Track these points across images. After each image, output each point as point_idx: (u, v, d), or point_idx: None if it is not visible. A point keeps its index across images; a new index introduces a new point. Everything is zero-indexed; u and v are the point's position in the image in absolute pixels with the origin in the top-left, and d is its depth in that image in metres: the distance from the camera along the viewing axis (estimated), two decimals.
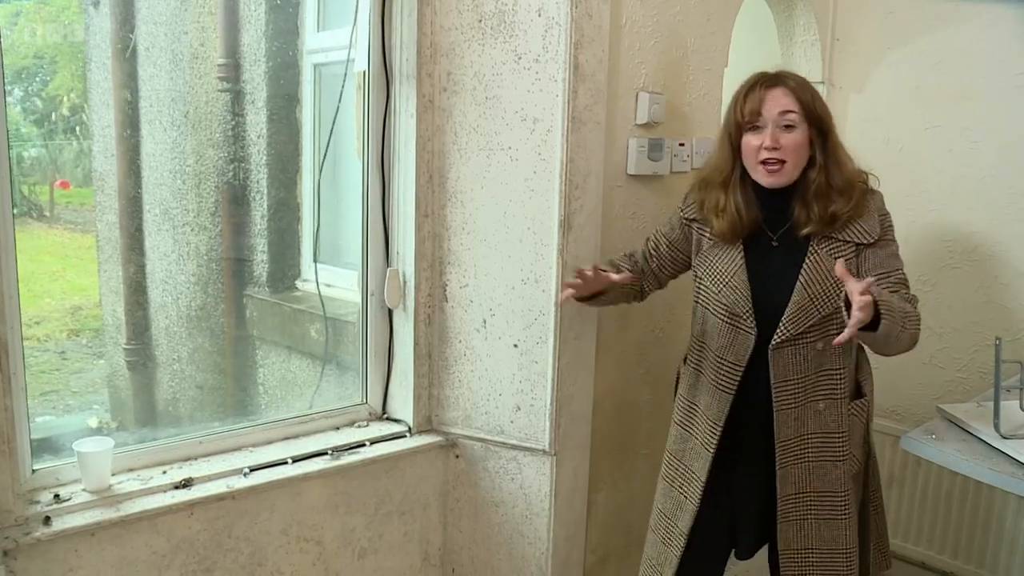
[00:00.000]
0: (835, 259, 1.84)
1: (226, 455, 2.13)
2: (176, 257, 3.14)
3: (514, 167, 2.25)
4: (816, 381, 1.91)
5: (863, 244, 1.89)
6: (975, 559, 2.76)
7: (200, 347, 3.20)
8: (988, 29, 2.65)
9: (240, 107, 3.04)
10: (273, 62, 3.02)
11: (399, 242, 2.39)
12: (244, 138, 3.04)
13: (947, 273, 2.77)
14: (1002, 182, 2.66)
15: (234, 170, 3.05)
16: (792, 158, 1.86)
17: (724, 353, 1.96)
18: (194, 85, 3.10)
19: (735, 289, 1.93)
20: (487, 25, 2.21)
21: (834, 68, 2.97)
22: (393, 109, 2.33)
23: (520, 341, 2.31)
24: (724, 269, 1.97)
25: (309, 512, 2.15)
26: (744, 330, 1.92)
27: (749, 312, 1.91)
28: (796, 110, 1.85)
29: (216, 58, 3.07)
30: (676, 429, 2.11)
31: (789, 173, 1.88)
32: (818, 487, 1.94)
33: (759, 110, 1.87)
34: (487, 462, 2.41)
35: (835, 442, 1.93)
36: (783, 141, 1.85)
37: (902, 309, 1.75)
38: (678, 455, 2.08)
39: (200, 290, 3.14)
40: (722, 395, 1.95)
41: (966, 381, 2.75)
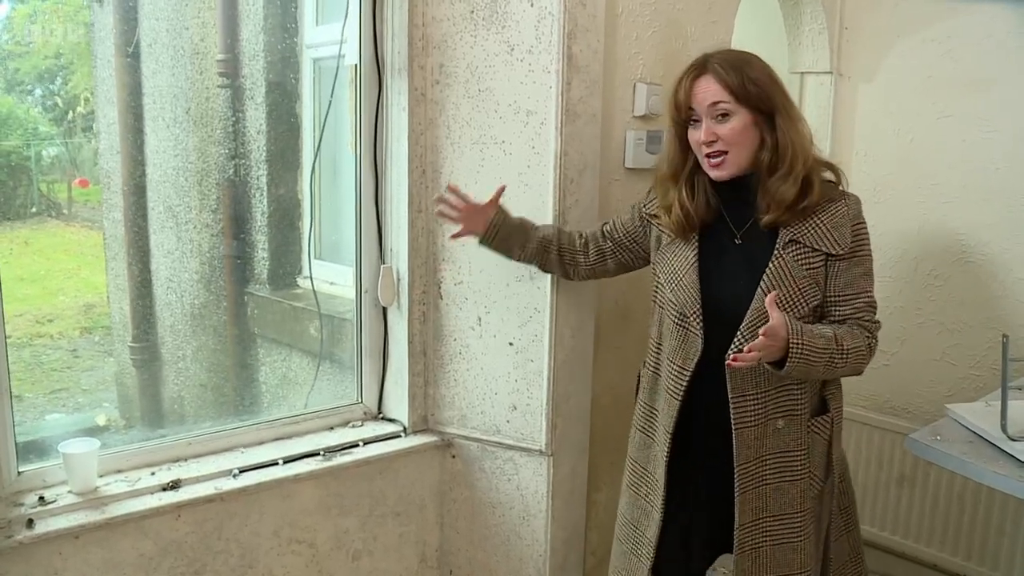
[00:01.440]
0: (801, 266, 1.74)
1: (216, 456, 2.10)
2: (180, 254, 3.12)
3: (508, 161, 2.20)
4: (776, 396, 1.78)
5: (832, 254, 1.75)
6: (989, 561, 2.68)
7: (204, 345, 3.19)
8: (1001, 15, 2.56)
9: (240, 103, 3.02)
10: (272, 57, 3.00)
11: (392, 238, 2.35)
12: (244, 134, 3.01)
13: (959, 267, 2.69)
14: (1017, 173, 2.58)
15: (235, 167, 3.03)
16: (733, 148, 1.74)
17: (674, 356, 1.86)
18: (195, 81, 3.08)
19: (684, 288, 1.82)
20: (479, 16, 2.17)
21: (843, 58, 2.89)
22: (385, 103, 2.29)
23: (515, 339, 2.27)
24: (677, 267, 1.86)
25: (301, 514, 2.12)
26: (692, 332, 1.81)
27: (697, 313, 1.80)
28: (725, 98, 1.72)
29: (216, 54, 3.05)
30: (638, 435, 2.01)
31: (734, 163, 1.75)
32: (774, 510, 1.82)
33: (690, 104, 1.76)
34: (483, 462, 2.37)
35: (794, 460, 1.81)
36: (720, 132, 1.73)
37: (838, 349, 1.68)
38: (641, 462, 1.99)
39: (203, 288, 3.12)
40: (672, 401, 1.85)
41: (979, 378, 2.67)
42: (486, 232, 2.06)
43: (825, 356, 1.66)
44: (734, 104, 1.72)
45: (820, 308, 1.78)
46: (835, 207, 1.76)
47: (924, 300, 2.75)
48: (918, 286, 2.76)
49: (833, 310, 1.78)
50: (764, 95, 1.73)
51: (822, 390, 1.88)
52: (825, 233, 1.75)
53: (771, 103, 1.73)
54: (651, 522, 1.93)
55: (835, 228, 1.75)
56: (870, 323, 1.79)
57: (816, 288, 1.75)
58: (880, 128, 2.83)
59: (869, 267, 1.81)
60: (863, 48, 2.86)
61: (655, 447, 1.94)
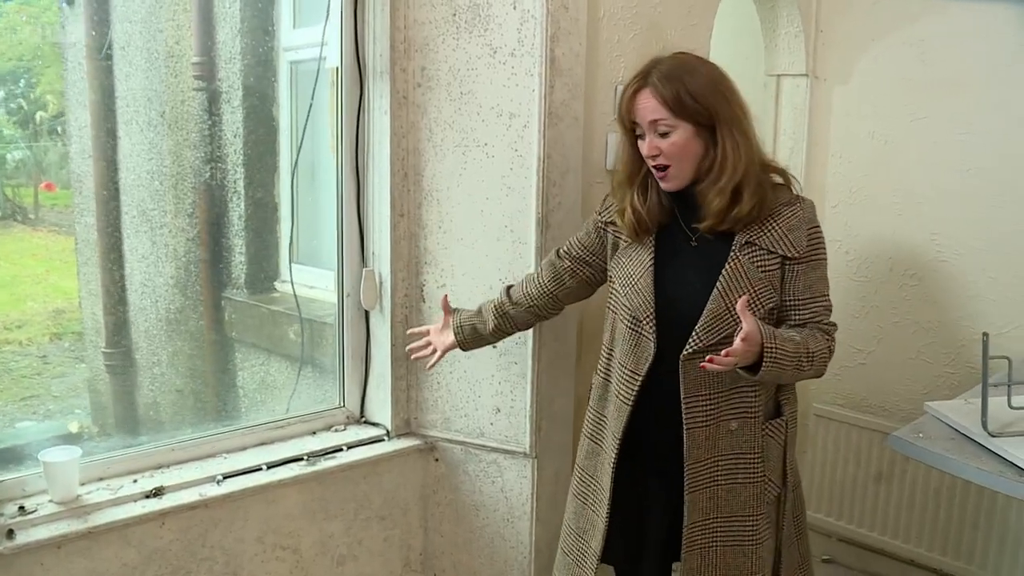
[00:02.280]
0: (758, 268, 1.75)
1: (199, 462, 2.09)
2: (154, 259, 3.09)
3: (490, 164, 2.21)
4: (729, 398, 1.78)
5: (789, 257, 1.75)
6: (964, 555, 2.73)
7: (179, 350, 3.15)
8: (975, 19, 2.61)
9: (216, 106, 2.99)
10: (249, 60, 2.97)
11: (375, 242, 2.35)
12: (221, 138, 2.99)
13: (934, 267, 2.73)
14: (989, 174, 2.62)
15: (211, 170, 3.00)
16: (675, 161, 1.74)
17: (626, 361, 1.84)
18: (170, 84, 3.05)
19: (639, 292, 1.81)
20: (461, 19, 2.17)
21: (818, 60, 2.93)
22: (367, 106, 2.29)
23: (499, 342, 2.27)
24: (632, 271, 1.84)
25: (285, 519, 2.10)
26: (645, 336, 1.80)
27: (650, 318, 1.79)
28: (663, 115, 1.71)
29: (191, 56, 3.02)
30: (586, 443, 1.99)
31: (679, 176, 1.76)
32: (726, 512, 1.82)
33: (633, 118, 1.77)
34: (467, 465, 2.37)
35: (748, 462, 1.82)
36: (661, 147, 1.73)
37: (804, 352, 1.70)
38: (589, 471, 1.97)
39: (179, 292, 3.09)
40: (622, 407, 1.84)
41: (953, 376, 2.71)
42: (456, 338, 2.10)
43: (795, 360, 1.67)
44: (673, 119, 1.71)
45: (776, 311, 1.79)
46: (790, 211, 1.77)
47: (899, 299, 2.79)
48: (893, 286, 2.80)
49: (792, 314, 1.79)
50: (702, 108, 1.71)
51: (777, 394, 1.88)
52: (781, 236, 1.75)
53: (711, 115, 1.72)
54: (596, 531, 1.92)
55: (791, 231, 1.75)
56: (828, 326, 1.81)
57: (772, 291, 1.76)
58: (855, 130, 2.86)
59: (824, 270, 1.83)
60: (838, 51, 2.89)
61: (603, 454, 1.93)
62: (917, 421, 1.91)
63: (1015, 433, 1.74)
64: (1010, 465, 1.66)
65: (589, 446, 1.98)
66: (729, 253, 1.76)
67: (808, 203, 1.81)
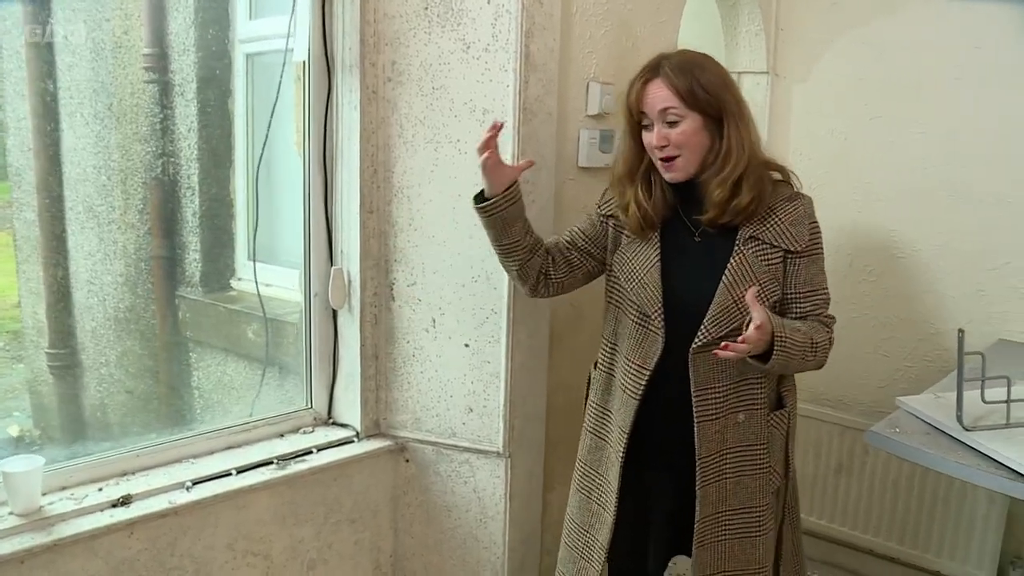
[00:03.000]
0: (762, 262, 1.78)
1: (166, 468, 2.01)
2: (102, 256, 2.98)
3: (463, 160, 2.17)
4: (737, 390, 1.81)
5: (791, 251, 1.79)
6: (921, 544, 2.79)
7: (129, 350, 3.05)
8: (930, 21, 2.67)
9: (168, 99, 2.90)
10: (203, 51, 2.89)
11: (343, 240, 2.30)
12: (173, 131, 2.90)
13: (892, 263, 2.78)
14: (945, 172, 2.68)
15: (163, 165, 2.91)
16: (684, 151, 1.76)
17: (632, 356, 1.85)
18: (118, 76, 2.94)
19: (646, 287, 1.82)
20: (433, 13, 2.13)
21: (778, 58, 2.96)
22: (335, 101, 2.23)
23: (471, 341, 2.24)
24: (638, 266, 1.85)
25: (256, 525, 2.05)
26: (653, 331, 1.81)
27: (659, 312, 1.80)
28: (674, 104, 1.74)
29: (141, 47, 2.92)
30: (589, 437, 1.99)
31: (685, 166, 1.78)
32: (734, 504, 1.84)
33: (641, 108, 1.78)
34: (439, 466, 2.34)
35: (755, 454, 1.85)
36: (670, 136, 1.75)
37: (810, 342, 1.73)
38: (593, 465, 1.98)
39: (128, 291, 2.99)
40: (629, 400, 1.85)
41: (911, 369, 2.78)
42: (506, 192, 1.86)
43: (802, 350, 1.70)
44: (683, 109, 1.74)
45: (778, 304, 1.81)
46: (792, 206, 1.81)
47: (859, 295, 2.84)
48: (853, 281, 2.85)
49: (794, 306, 1.82)
50: (713, 100, 1.75)
51: (779, 386, 1.92)
52: (784, 230, 1.78)
53: (720, 107, 1.76)
54: (602, 525, 1.93)
55: (793, 225, 1.79)
56: (828, 318, 1.85)
57: (776, 283, 1.79)
58: (815, 127, 2.91)
59: (823, 264, 1.86)
60: (798, 49, 2.93)
61: (607, 449, 1.94)
62: (891, 416, 1.94)
63: (989, 427, 1.78)
64: (986, 458, 1.69)
65: (592, 440, 1.98)
66: (733, 248, 1.79)
67: (807, 199, 1.84)
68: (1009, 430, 1.78)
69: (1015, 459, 1.64)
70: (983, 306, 2.63)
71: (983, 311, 2.63)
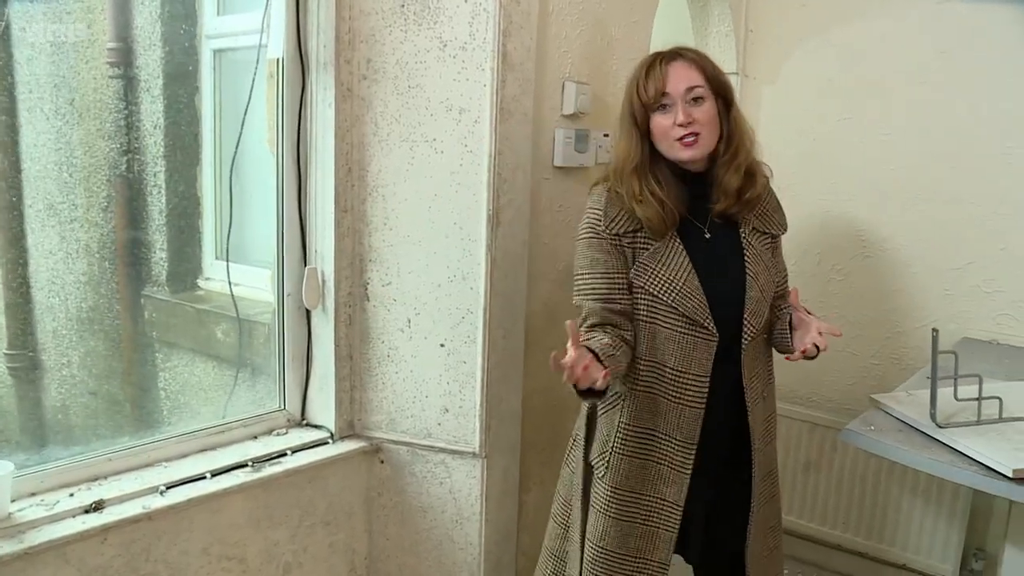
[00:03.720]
0: (766, 249, 1.88)
1: (139, 472, 1.98)
2: (64, 255, 2.91)
3: (439, 159, 2.16)
4: (763, 371, 1.92)
5: (775, 235, 1.92)
6: (887, 538, 2.84)
7: (93, 351, 2.99)
8: (897, 23, 2.71)
9: (134, 95, 2.84)
10: (170, 47, 2.83)
11: (317, 239, 2.27)
12: (139, 128, 2.84)
13: (860, 262, 2.83)
14: (911, 174, 2.73)
15: (128, 162, 2.84)
16: (706, 130, 1.77)
17: (687, 366, 1.79)
18: (80, 70, 2.87)
19: (690, 296, 1.77)
20: (410, 10, 2.11)
21: (748, 59, 2.99)
22: (309, 99, 2.21)
23: (447, 341, 2.23)
24: (672, 276, 1.78)
25: (230, 529, 2.02)
26: (706, 338, 1.78)
27: (709, 317, 1.77)
28: (702, 83, 1.77)
29: (105, 42, 2.85)
30: (626, 462, 1.85)
31: (706, 144, 1.78)
32: (765, 472, 1.93)
33: (664, 88, 1.76)
34: (414, 467, 2.32)
35: (773, 424, 1.99)
36: (696, 115, 1.75)
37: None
38: (636, 488, 1.86)
39: (92, 290, 2.92)
40: (692, 411, 1.80)
41: (879, 367, 2.82)
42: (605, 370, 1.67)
43: None
44: (707, 89, 1.78)
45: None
46: (769, 194, 1.93)
47: (827, 293, 2.88)
48: (821, 280, 2.89)
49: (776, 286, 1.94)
50: (727, 85, 1.84)
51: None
52: (771, 218, 1.91)
53: (730, 94, 1.84)
54: (661, 543, 1.87)
55: (776, 212, 1.93)
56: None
57: (775, 269, 1.92)
58: (784, 128, 2.93)
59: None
60: (768, 51, 2.96)
61: (656, 466, 1.85)
62: (865, 414, 1.97)
63: (962, 423, 1.82)
64: (959, 454, 1.73)
65: (630, 464, 1.86)
66: (740, 240, 1.85)
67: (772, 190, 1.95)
68: (980, 426, 1.81)
69: (987, 455, 1.67)
70: (948, 305, 2.68)
71: (948, 310, 2.68)
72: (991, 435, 1.77)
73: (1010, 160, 2.57)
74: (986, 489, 1.64)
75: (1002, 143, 2.58)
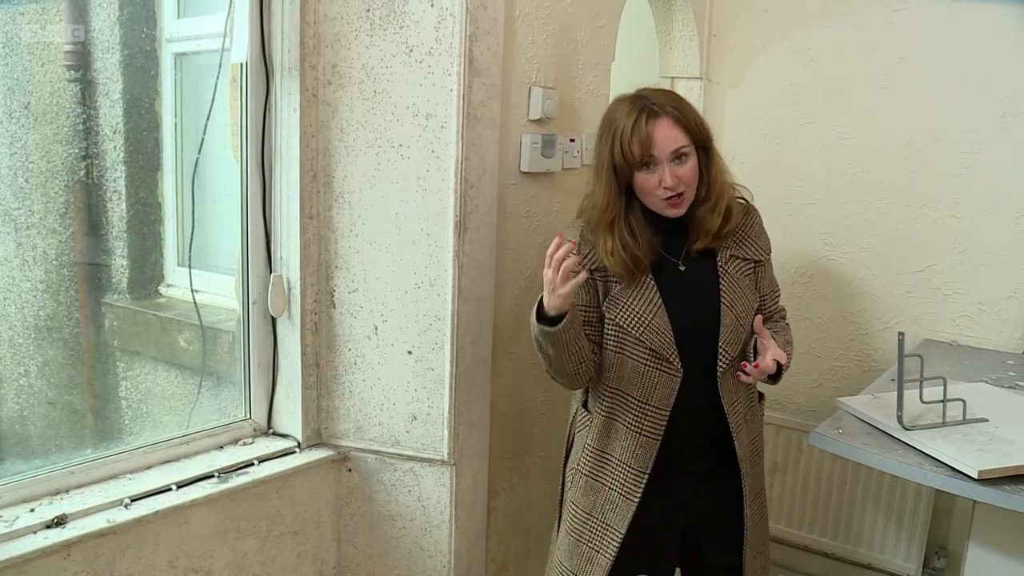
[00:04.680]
0: (743, 276, 1.89)
1: (102, 485, 1.94)
2: (20, 262, 2.85)
3: (406, 165, 2.15)
4: (745, 396, 1.94)
5: (759, 261, 1.93)
6: (853, 539, 2.87)
7: (52, 360, 2.93)
8: (857, 29, 2.74)
9: (92, 99, 2.79)
10: (129, 50, 2.78)
11: (282, 246, 2.24)
12: (98, 132, 2.78)
13: (823, 265, 2.86)
14: (872, 177, 2.76)
15: (87, 167, 2.79)
16: (690, 188, 1.80)
17: (648, 398, 1.85)
18: (36, 73, 2.81)
19: (657, 331, 1.81)
20: (375, 15, 2.10)
21: (711, 64, 3.01)
22: (274, 104, 2.18)
23: (415, 348, 2.22)
24: (641, 311, 1.83)
25: (197, 541, 1.98)
26: (668, 372, 1.83)
27: (674, 353, 1.82)
28: (686, 142, 1.77)
29: (62, 44, 2.80)
30: (582, 479, 1.94)
31: (690, 199, 1.82)
32: (754, 493, 1.98)
33: (650, 151, 1.75)
34: (382, 475, 2.31)
35: (759, 445, 2.01)
36: (681, 175, 1.76)
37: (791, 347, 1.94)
38: (586, 508, 1.94)
39: (50, 298, 2.86)
40: (647, 442, 1.86)
41: (842, 369, 2.85)
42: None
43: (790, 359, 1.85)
44: (691, 146, 1.78)
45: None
46: (750, 220, 1.94)
47: (791, 296, 2.90)
48: (786, 283, 2.89)
49: (764, 306, 1.97)
50: (707, 134, 1.83)
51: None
52: (751, 244, 1.92)
53: (710, 141, 1.84)
54: (596, 567, 1.92)
55: (757, 238, 1.94)
56: (783, 311, 2.05)
57: (755, 293, 1.92)
58: (747, 132, 2.96)
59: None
60: (731, 55, 2.98)
61: (606, 491, 1.92)
62: (833, 417, 1.99)
63: (927, 425, 1.84)
64: (926, 456, 1.75)
65: (586, 483, 1.94)
66: (717, 269, 1.87)
67: (756, 211, 1.98)
68: (945, 428, 1.84)
69: (953, 457, 1.69)
70: (910, 307, 2.72)
71: (910, 312, 2.72)
72: (956, 437, 1.79)
73: (967, 164, 2.61)
74: (953, 491, 1.66)
75: (959, 147, 2.62)
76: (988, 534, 1.84)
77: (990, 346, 2.64)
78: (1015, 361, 2.51)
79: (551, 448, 2.62)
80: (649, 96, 1.79)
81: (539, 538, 2.63)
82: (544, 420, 2.58)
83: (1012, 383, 2.28)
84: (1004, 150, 2.56)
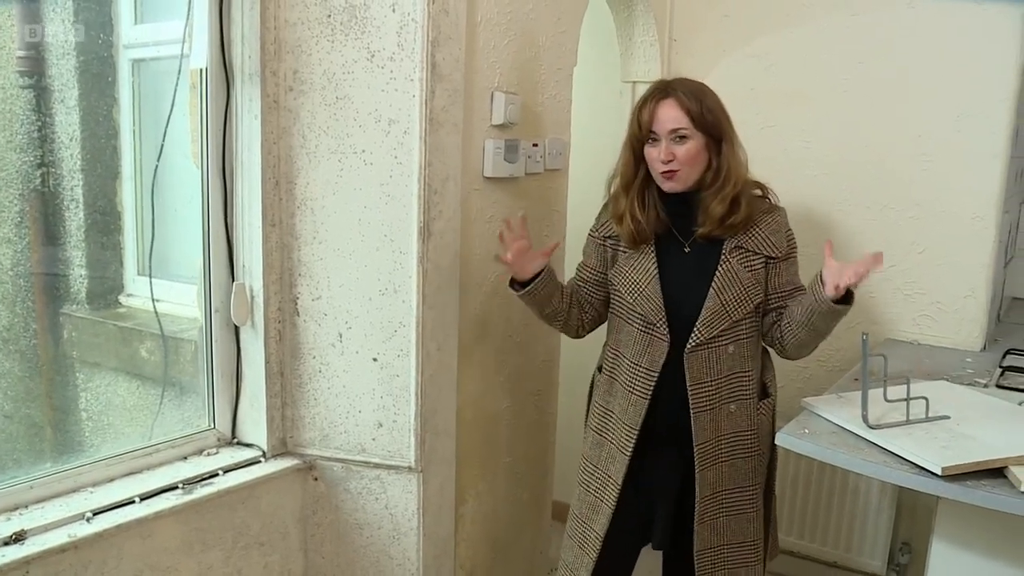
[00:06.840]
0: (746, 268, 1.98)
1: (63, 499, 1.90)
2: None
3: (368, 171, 2.14)
4: (728, 384, 2.01)
5: (772, 257, 2.01)
6: (819, 538, 2.90)
7: (8, 372, 2.87)
8: (817, 34, 2.78)
9: (47, 105, 2.74)
10: (84, 56, 2.74)
11: (244, 254, 2.22)
12: (53, 140, 2.73)
13: None
14: (832, 181, 2.80)
15: (43, 176, 2.74)
16: (686, 167, 1.94)
17: (640, 359, 2.03)
18: None
19: (649, 298, 2.00)
20: (337, 20, 2.09)
21: (672, 68, 3.03)
22: (234, 110, 2.16)
23: (380, 355, 2.21)
24: (638, 279, 2.03)
25: (162, 554, 1.95)
26: (658, 337, 2.00)
27: (663, 320, 1.99)
28: (685, 124, 1.92)
29: (14, 50, 2.75)
30: (592, 435, 2.16)
31: (684, 179, 1.96)
32: (729, 484, 2.05)
33: (651, 127, 1.94)
34: (348, 483, 2.29)
35: (746, 439, 2.06)
36: (676, 153, 1.93)
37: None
38: (594, 460, 2.14)
39: (6, 308, 2.80)
40: (638, 400, 2.03)
41: (806, 370, 2.88)
42: (538, 277, 2.06)
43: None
44: (691, 129, 1.93)
45: (761, 306, 2.04)
46: (771, 218, 2.04)
47: None
48: None
49: (779, 303, 2.05)
50: (716, 123, 1.96)
51: (763, 377, 2.15)
52: (764, 239, 2.01)
53: (721, 131, 1.97)
54: (599, 515, 2.10)
55: (772, 235, 2.03)
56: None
57: (759, 287, 2.01)
58: None
59: (797, 265, 2.12)
60: (691, 60, 3.00)
61: (608, 445, 2.11)
62: (799, 417, 2.00)
63: (891, 424, 1.86)
64: (890, 454, 1.77)
65: (594, 438, 2.16)
66: (720, 257, 1.99)
67: (783, 210, 2.09)
68: (909, 426, 1.86)
69: (918, 454, 1.71)
70: (872, 308, 2.75)
71: (872, 312, 2.75)
72: (919, 434, 1.82)
73: (926, 166, 2.65)
74: (918, 488, 1.69)
75: (917, 149, 2.66)
76: (951, 529, 1.87)
77: (949, 344, 2.69)
78: (972, 359, 2.56)
79: (517, 454, 2.61)
80: (672, 82, 1.98)
81: (506, 544, 2.62)
82: (509, 427, 2.58)
83: (971, 380, 2.32)
84: (959, 152, 2.61)
